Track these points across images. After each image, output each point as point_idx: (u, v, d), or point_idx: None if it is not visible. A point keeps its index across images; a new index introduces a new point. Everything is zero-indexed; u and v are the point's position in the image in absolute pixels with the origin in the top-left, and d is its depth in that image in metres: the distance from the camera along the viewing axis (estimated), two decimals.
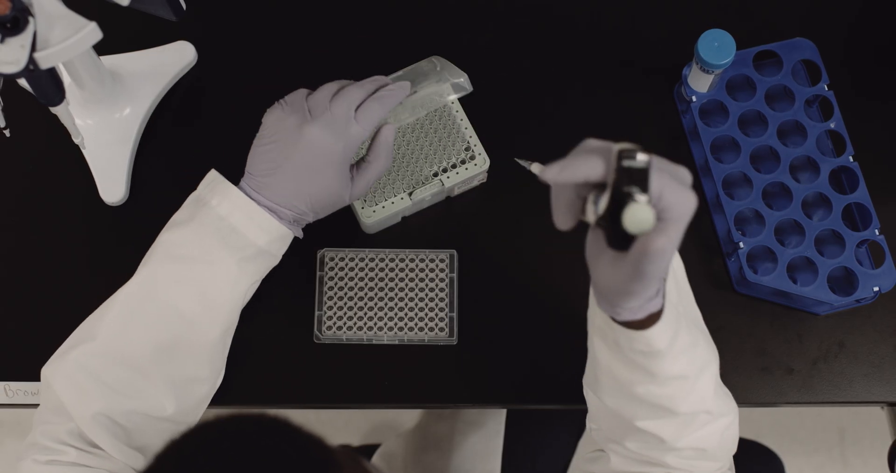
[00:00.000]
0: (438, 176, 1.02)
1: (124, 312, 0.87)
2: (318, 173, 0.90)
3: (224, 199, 0.90)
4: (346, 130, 0.91)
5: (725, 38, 0.99)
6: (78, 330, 0.90)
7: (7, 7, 0.77)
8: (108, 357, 0.86)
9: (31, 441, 0.85)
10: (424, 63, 1.00)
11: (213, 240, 0.89)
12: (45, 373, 0.87)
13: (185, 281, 0.89)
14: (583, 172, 0.64)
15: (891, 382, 1.02)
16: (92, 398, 0.84)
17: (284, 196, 0.91)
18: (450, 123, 1.03)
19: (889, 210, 1.03)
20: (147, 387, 0.86)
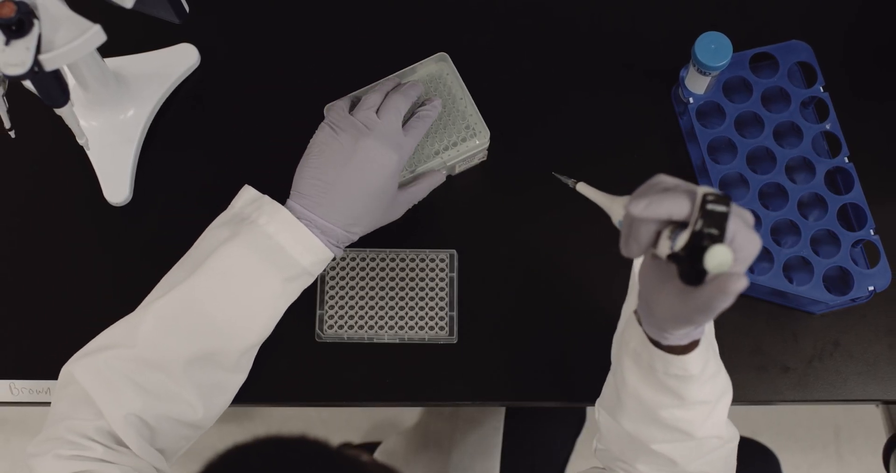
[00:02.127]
0: (439, 154, 1.03)
1: (162, 321, 0.87)
2: (374, 188, 0.92)
3: (272, 219, 0.90)
4: (398, 143, 0.93)
5: (722, 41, 1.00)
6: (108, 333, 0.89)
7: (12, 10, 0.77)
8: (141, 362, 0.86)
9: (53, 436, 0.84)
10: (433, 64, 1.02)
11: (258, 258, 0.89)
12: (72, 371, 0.86)
13: (227, 297, 0.89)
14: (668, 210, 0.67)
15: (885, 380, 1.02)
16: (127, 399, 0.84)
17: (340, 214, 0.92)
18: (450, 102, 1.04)
19: (884, 210, 1.04)
20: (179, 393, 0.87)
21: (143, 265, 1.05)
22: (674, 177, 0.71)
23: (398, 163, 0.94)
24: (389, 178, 0.93)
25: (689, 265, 0.66)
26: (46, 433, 0.85)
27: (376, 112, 0.95)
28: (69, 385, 0.86)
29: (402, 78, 1.03)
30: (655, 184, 0.70)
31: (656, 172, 1.06)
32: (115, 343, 0.87)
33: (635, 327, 0.79)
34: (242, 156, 1.09)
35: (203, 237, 0.93)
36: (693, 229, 0.65)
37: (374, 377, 1.02)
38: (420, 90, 1.00)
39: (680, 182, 0.69)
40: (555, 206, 1.07)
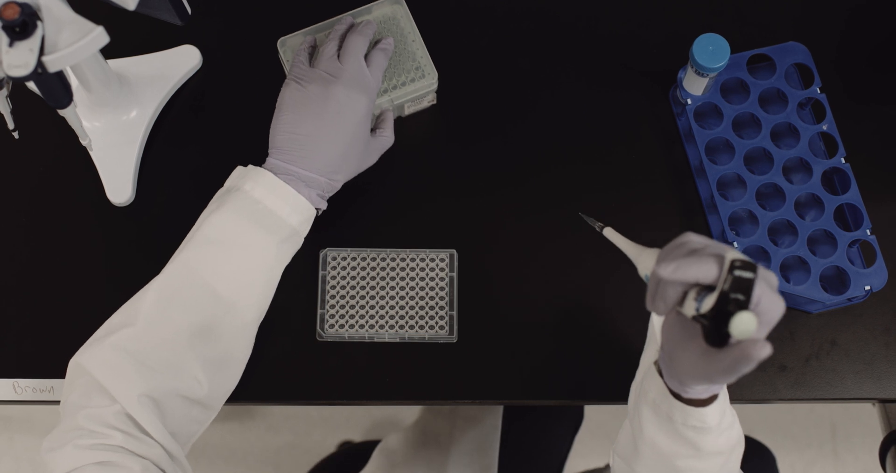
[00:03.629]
0: (388, 92, 1.05)
1: (162, 296, 0.87)
2: (349, 134, 0.94)
3: (257, 183, 0.91)
4: (365, 84, 0.95)
5: (720, 42, 1.00)
6: (111, 320, 0.89)
7: (16, 12, 0.77)
8: (146, 340, 0.86)
9: (70, 427, 0.83)
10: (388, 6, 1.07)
11: (249, 223, 0.90)
12: (80, 361, 0.86)
13: (223, 265, 0.89)
14: (696, 275, 0.68)
15: (882, 379, 1.03)
16: (135, 380, 0.84)
17: (321, 163, 0.93)
18: (401, 44, 1.06)
19: (880, 210, 1.05)
20: (185, 368, 0.86)
21: (145, 265, 1.05)
22: (701, 236, 0.72)
23: (368, 105, 0.96)
24: (363, 121, 0.96)
25: (713, 328, 0.67)
26: (63, 424, 0.84)
27: (338, 58, 0.97)
28: (79, 377, 0.86)
29: (355, 17, 1.06)
30: (683, 244, 0.71)
31: (654, 172, 1.08)
32: (119, 326, 0.87)
33: (655, 378, 0.80)
34: (244, 156, 1.08)
35: (200, 217, 0.94)
36: (719, 293, 0.66)
37: (375, 376, 1.03)
38: (374, 28, 1.03)
39: (708, 242, 0.71)
40: (556, 206, 1.08)
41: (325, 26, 1.05)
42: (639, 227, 1.07)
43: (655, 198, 1.08)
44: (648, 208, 1.08)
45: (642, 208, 1.08)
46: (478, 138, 1.10)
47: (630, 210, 1.07)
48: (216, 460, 1.91)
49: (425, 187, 1.09)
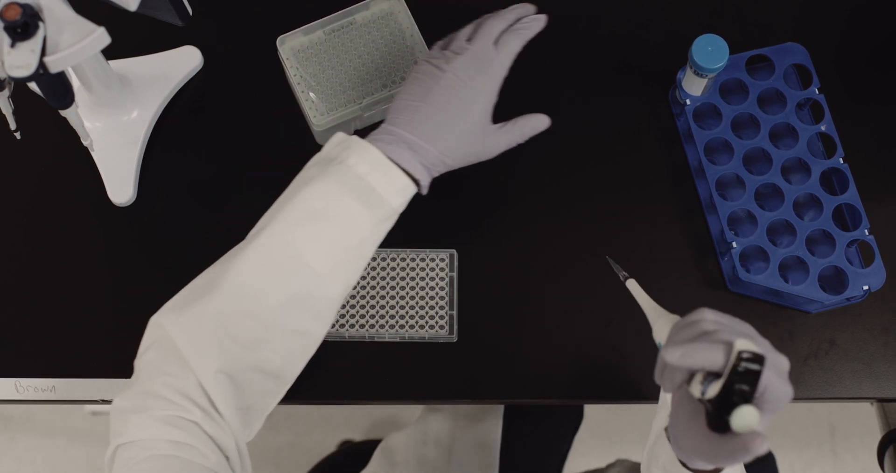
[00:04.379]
0: (387, 87, 1.05)
1: (254, 265, 0.83)
2: (460, 108, 0.89)
3: (362, 158, 0.86)
4: (487, 63, 0.90)
5: (719, 43, 1.00)
6: (196, 284, 0.86)
7: (17, 12, 0.78)
8: (233, 310, 0.82)
9: (149, 391, 0.80)
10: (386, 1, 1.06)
11: (351, 199, 0.85)
12: (163, 323, 0.83)
13: (319, 238, 0.85)
14: (702, 362, 0.68)
15: (880, 378, 1.03)
16: (216, 354, 0.81)
17: (428, 130, 0.88)
18: (400, 39, 1.07)
19: (878, 210, 1.05)
20: (266, 339, 0.83)
21: (146, 265, 1.06)
22: (717, 313, 0.72)
23: (486, 85, 0.90)
24: (478, 100, 0.90)
25: (716, 415, 0.67)
26: (139, 385, 0.81)
27: (468, 41, 0.93)
28: (158, 338, 0.82)
29: (354, 13, 1.06)
30: (696, 322, 0.72)
31: (653, 173, 1.08)
32: (205, 291, 0.83)
33: (665, 444, 0.80)
34: (245, 156, 1.09)
35: (293, 182, 0.89)
36: (724, 383, 0.66)
37: (375, 376, 1.03)
38: (523, 13, 0.95)
39: (722, 323, 0.71)
40: (555, 205, 1.08)
41: (324, 24, 1.06)
42: (638, 227, 1.08)
43: (654, 198, 1.08)
44: (648, 207, 1.08)
45: (642, 207, 1.08)
46: None
47: (629, 210, 1.08)
48: None
49: None
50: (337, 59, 1.06)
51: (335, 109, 1.04)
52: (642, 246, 1.07)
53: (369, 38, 1.06)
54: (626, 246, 1.07)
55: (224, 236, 1.07)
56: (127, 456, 0.78)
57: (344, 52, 1.06)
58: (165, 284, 1.05)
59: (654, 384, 1.01)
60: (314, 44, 1.06)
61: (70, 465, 1.92)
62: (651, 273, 1.06)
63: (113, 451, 0.80)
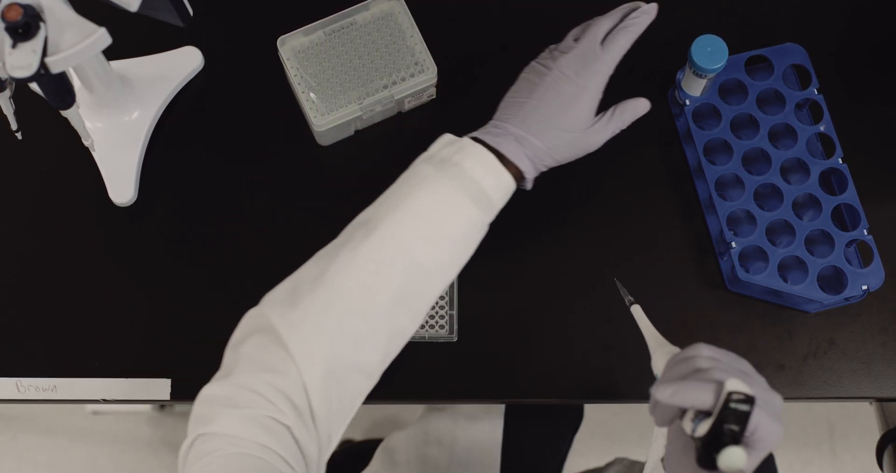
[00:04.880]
0: (388, 88, 1.06)
1: (369, 263, 0.83)
2: (561, 104, 0.90)
3: (477, 163, 0.86)
4: (593, 61, 0.91)
5: (718, 44, 1.00)
6: (305, 275, 0.84)
7: (19, 13, 0.78)
8: (345, 306, 0.81)
9: (247, 385, 0.78)
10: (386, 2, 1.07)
11: (467, 202, 0.85)
12: (273, 318, 0.81)
13: (434, 239, 0.85)
14: (692, 401, 0.69)
15: (879, 378, 1.04)
16: (324, 352, 0.80)
17: (533, 124, 0.89)
18: (400, 40, 1.07)
19: (877, 211, 1.05)
20: (371, 338, 0.83)
21: (147, 264, 1.06)
22: (713, 349, 0.73)
23: (591, 80, 0.91)
24: (580, 95, 0.90)
25: (704, 453, 0.68)
26: (239, 378, 0.79)
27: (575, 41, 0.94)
28: (262, 330, 0.81)
29: (353, 14, 1.07)
30: (690, 359, 0.72)
31: (653, 173, 1.09)
32: (316, 287, 0.82)
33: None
34: (245, 156, 1.10)
35: (403, 180, 0.88)
36: (713, 423, 0.67)
37: None
38: (630, 7, 0.95)
39: (715, 361, 0.71)
40: (555, 205, 1.08)
41: (324, 25, 1.06)
42: (638, 226, 1.08)
43: (654, 198, 1.09)
44: (647, 208, 1.08)
45: (641, 208, 1.08)
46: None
47: (629, 210, 1.08)
48: None
49: None
50: (337, 59, 1.06)
51: (335, 110, 1.05)
52: (642, 246, 1.07)
53: (369, 38, 1.07)
54: (625, 246, 1.07)
55: (225, 235, 1.08)
56: (211, 447, 0.76)
57: (344, 53, 1.06)
58: (166, 283, 1.06)
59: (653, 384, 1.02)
60: (314, 44, 1.07)
61: (71, 464, 1.92)
62: (650, 273, 1.06)
63: (194, 439, 0.78)
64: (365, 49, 1.07)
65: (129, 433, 1.94)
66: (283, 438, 0.77)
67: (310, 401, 0.79)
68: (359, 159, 1.10)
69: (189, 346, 1.04)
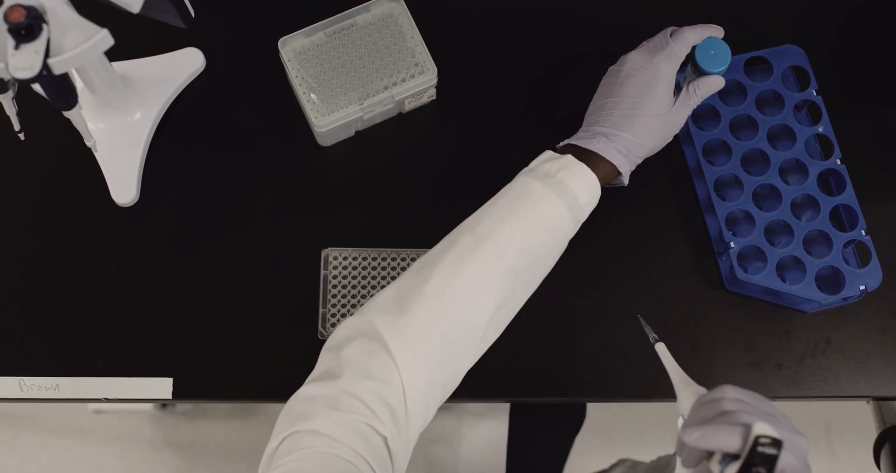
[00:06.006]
0: (388, 89, 1.06)
1: (477, 274, 0.85)
2: (636, 93, 0.95)
3: (581, 181, 0.90)
4: (662, 48, 0.96)
5: (721, 46, 0.99)
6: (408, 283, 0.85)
7: (22, 14, 0.78)
8: (450, 317, 0.83)
9: (348, 390, 0.79)
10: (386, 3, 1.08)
11: (570, 219, 0.90)
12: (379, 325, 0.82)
13: (536, 253, 0.89)
14: (720, 445, 0.68)
15: (876, 377, 1.04)
16: (427, 363, 0.81)
17: (618, 121, 0.94)
18: (399, 40, 1.08)
19: (875, 211, 1.05)
20: (469, 349, 0.85)
21: (149, 264, 1.07)
22: (740, 390, 0.73)
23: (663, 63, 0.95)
24: (657, 78, 0.95)
25: None
26: (344, 382, 0.80)
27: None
28: (367, 335, 0.82)
29: (354, 15, 1.07)
30: (716, 401, 0.72)
31: (652, 173, 1.09)
32: (423, 297, 0.83)
33: None
34: (246, 157, 1.10)
35: (507, 190, 0.92)
36: (741, 466, 0.67)
37: None
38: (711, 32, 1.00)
39: (742, 404, 0.71)
40: None
41: (325, 26, 1.07)
42: (637, 226, 1.08)
43: (653, 198, 1.09)
44: (646, 208, 1.09)
45: (640, 208, 1.09)
46: (478, 135, 1.11)
47: (628, 210, 1.08)
48: (219, 458, 1.92)
49: (426, 186, 1.10)
50: (338, 60, 1.07)
51: (336, 110, 1.05)
52: (641, 246, 1.08)
53: (370, 39, 1.07)
54: (625, 246, 1.08)
55: (226, 235, 1.08)
56: (307, 443, 0.77)
57: (345, 54, 1.07)
58: (168, 283, 1.06)
59: (653, 383, 1.02)
60: (315, 45, 1.07)
61: (74, 463, 1.93)
62: (650, 273, 1.07)
63: (287, 436, 0.79)
64: (365, 50, 1.07)
65: (131, 432, 1.95)
66: (378, 448, 0.78)
67: (407, 409, 0.80)
68: (359, 160, 1.10)
69: (191, 345, 1.04)
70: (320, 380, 0.82)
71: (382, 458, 0.78)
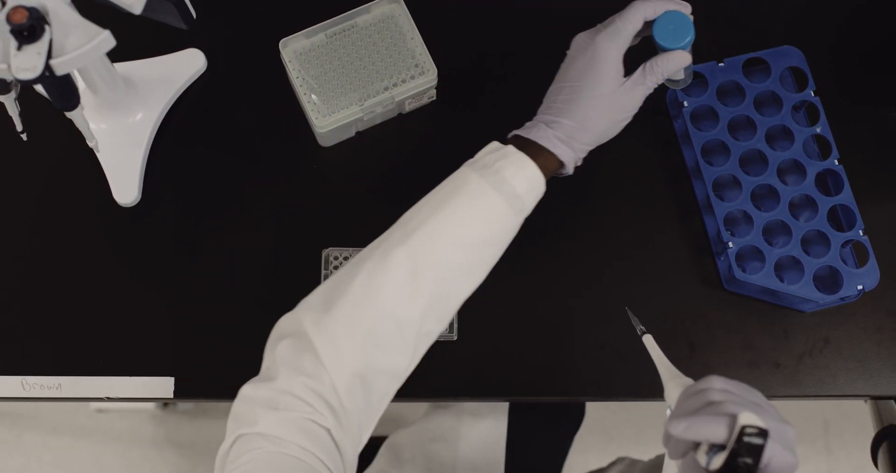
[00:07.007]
0: (389, 89, 1.07)
1: (403, 268, 0.83)
2: (582, 75, 0.89)
3: (519, 171, 0.87)
4: (606, 26, 0.90)
5: (682, 21, 0.91)
6: (338, 280, 0.84)
7: (24, 16, 0.78)
8: (375, 311, 0.82)
9: (286, 389, 0.79)
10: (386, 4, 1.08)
11: (505, 206, 0.86)
12: (305, 322, 0.82)
13: (472, 244, 0.86)
14: (706, 435, 0.68)
15: (873, 376, 1.04)
16: (352, 357, 0.81)
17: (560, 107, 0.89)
18: (400, 42, 1.08)
19: (873, 211, 1.06)
20: (402, 342, 0.84)
21: (150, 264, 1.07)
22: (726, 381, 0.72)
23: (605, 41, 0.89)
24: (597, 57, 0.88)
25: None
26: (280, 383, 0.80)
27: None
28: (296, 335, 0.82)
29: (354, 16, 1.08)
30: (703, 391, 0.72)
31: (651, 174, 1.09)
32: (347, 292, 0.83)
33: None
34: (248, 157, 1.11)
35: (445, 182, 0.89)
36: (728, 456, 0.67)
37: None
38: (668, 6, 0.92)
39: (728, 394, 0.71)
40: (555, 205, 1.09)
41: (326, 27, 1.07)
42: (636, 226, 1.09)
43: (652, 199, 1.09)
44: (645, 208, 1.09)
45: (640, 208, 1.09)
46: (478, 135, 1.11)
47: (627, 210, 1.09)
48: None
49: (425, 186, 1.10)
50: (338, 61, 1.07)
51: (337, 111, 1.06)
52: (640, 246, 1.08)
53: (370, 40, 1.08)
54: (624, 246, 1.08)
55: (227, 235, 1.08)
56: (253, 446, 0.78)
57: (345, 55, 1.07)
58: (170, 283, 1.07)
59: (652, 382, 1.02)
60: (316, 46, 1.08)
61: (76, 462, 1.93)
62: (648, 273, 1.07)
63: (234, 440, 0.80)
64: (366, 51, 1.07)
65: (133, 431, 1.95)
66: (323, 441, 0.78)
67: (342, 402, 0.80)
68: (360, 160, 1.11)
69: (192, 344, 1.05)
70: (260, 381, 0.82)
71: (329, 449, 0.79)
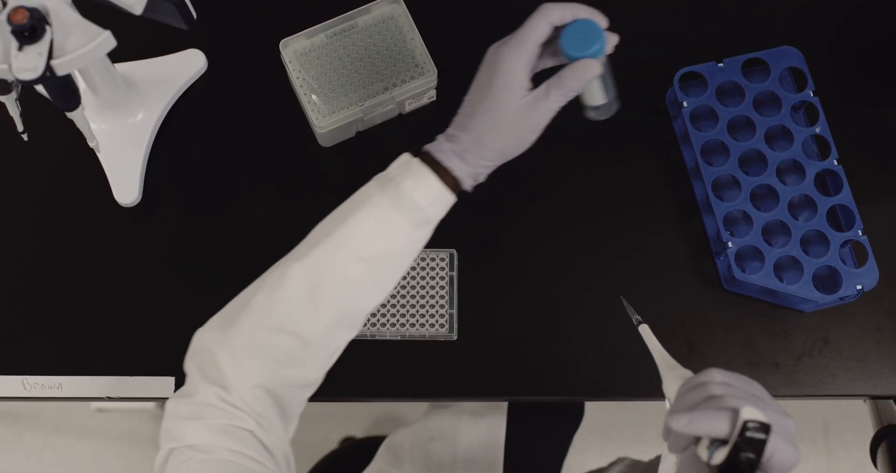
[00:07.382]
0: (389, 90, 1.07)
1: (303, 285, 0.83)
2: (484, 87, 0.84)
3: (421, 185, 0.85)
4: (512, 37, 0.85)
5: (592, 29, 0.86)
6: (244, 297, 0.86)
7: (25, 16, 0.79)
8: (277, 331, 0.83)
9: (201, 401, 0.81)
10: (387, 5, 1.08)
11: (404, 221, 0.85)
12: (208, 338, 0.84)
13: (371, 259, 0.85)
14: (707, 430, 0.68)
15: (873, 376, 1.04)
16: (254, 371, 0.82)
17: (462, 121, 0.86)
18: (400, 42, 1.08)
19: (872, 211, 1.06)
20: (309, 358, 0.85)
21: (151, 264, 1.07)
22: (726, 374, 0.72)
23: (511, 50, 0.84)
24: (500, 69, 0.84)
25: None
26: (198, 396, 0.82)
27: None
28: (203, 351, 0.84)
29: (354, 17, 1.08)
30: (703, 385, 0.71)
31: (651, 174, 1.10)
32: (249, 309, 0.84)
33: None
34: (248, 158, 1.11)
35: (351, 198, 0.88)
36: (730, 451, 0.66)
37: (376, 373, 1.05)
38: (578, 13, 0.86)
39: (728, 388, 0.70)
40: (554, 205, 1.09)
41: (326, 27, 1.07)
42: (636, 226, 1.09)
43: (652, 199, 1.10)
44: (645, 208, 1.09)
45: (639, 208, 1.09)
46: None
47: (627, 210, 1.09)
48: None
49: None
50: (339, 61, 1.07)
51: (337, 112, 1.06)
52: (640, 246, 1.08)
53: (370, 41, 1.08)
54: (623, 246, 1.08)
55: (227, 235, 1.09)
56: (184, 458, 0.80)
57: (346, 55, 1.08)
58: (169, 283, 1.07)
59: (651, 382, 1.03)
60: (316, 47, 1.08)
61: (77, 461, 1.94)
62: (648, 272, 1.07)
63: (167, 454, 0.82)
64: (366, 52, 1.08)
65: (133, 430, 1.96)
66: (248, 441, 0.80)
67: (254, 409, 0.82)
68: (360, 161, 1.11)
69: None
70: (182, 396, 0.84)
71: (256, 448, 0.81)
